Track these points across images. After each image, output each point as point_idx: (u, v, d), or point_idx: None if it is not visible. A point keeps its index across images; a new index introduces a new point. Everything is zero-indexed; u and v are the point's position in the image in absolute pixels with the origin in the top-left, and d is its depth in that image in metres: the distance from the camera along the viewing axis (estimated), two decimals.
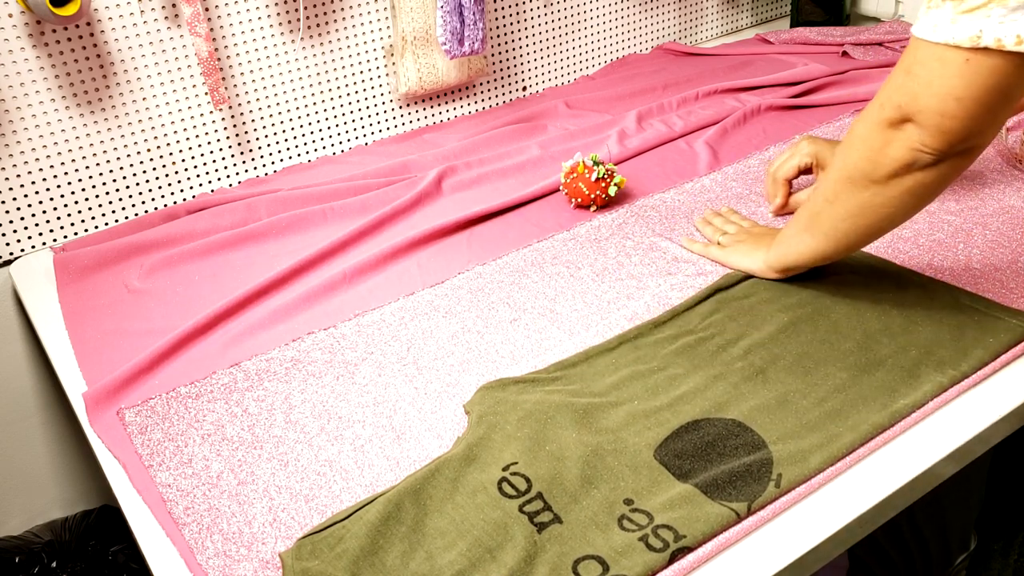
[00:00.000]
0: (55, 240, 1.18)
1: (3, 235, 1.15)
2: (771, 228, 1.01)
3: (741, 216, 1.07)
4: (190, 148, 1.24)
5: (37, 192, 1.15)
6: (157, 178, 1.23)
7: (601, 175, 1.11)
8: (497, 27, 1.45)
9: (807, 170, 1.07)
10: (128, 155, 1.20)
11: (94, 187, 1.19)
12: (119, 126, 1.18)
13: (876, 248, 0.99)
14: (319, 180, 1.25)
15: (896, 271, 0.94)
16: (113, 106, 1.17)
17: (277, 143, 1.31)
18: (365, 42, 1.33)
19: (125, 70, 1.16)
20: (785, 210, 1.08)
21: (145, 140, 1.21)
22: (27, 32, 1.08)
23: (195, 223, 1.14)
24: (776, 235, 0.95)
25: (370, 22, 1.33)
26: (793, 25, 1.76)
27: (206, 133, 1.25)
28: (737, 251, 0.98)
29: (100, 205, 1.20)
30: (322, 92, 1.32)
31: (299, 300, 0.98)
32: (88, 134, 1.16)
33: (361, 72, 1.35)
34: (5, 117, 1.10)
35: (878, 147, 0.74)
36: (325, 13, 1.28)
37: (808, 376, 0.80)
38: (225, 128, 1.26)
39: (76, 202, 1.18)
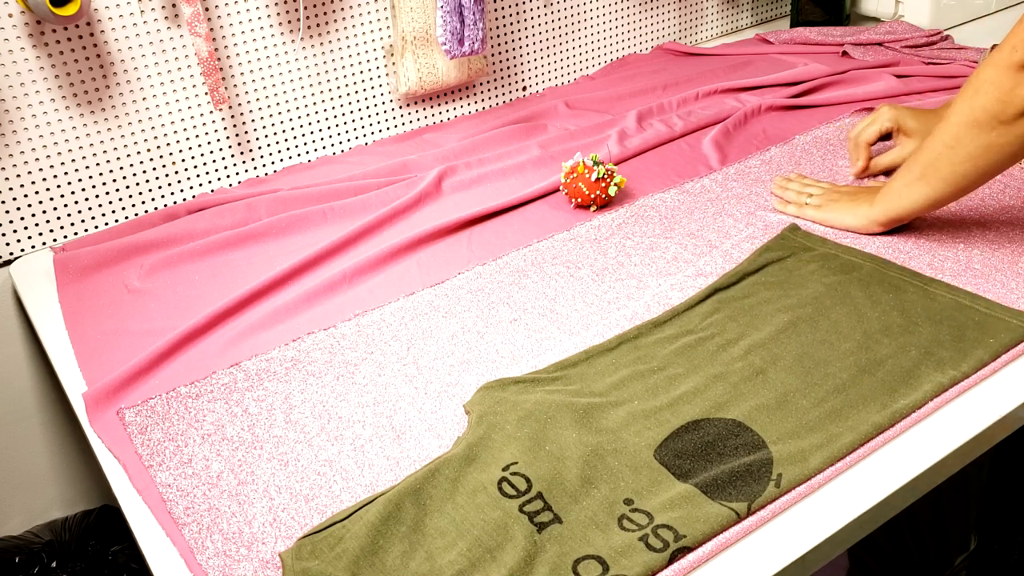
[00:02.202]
0: (55, 240, 1.18)
1: (3, 235, 1.15)
2: (861, 187, 1.07)
3: (813, 179, 1.12)
4: (190, 148, 1.24)
5: (37, 192, 1.15)
6: (157, 178, 1.23)
7: (601, 175, 1.11)
8: (497, 27, 1.45)
9: (887, 135, 1.14)
10: (128, 155, 1.20)
11: (94, 187, 1.19)
12: (119, 126, 1.18)
13: (876, 248, 0.99)
14: (319, 180, 1.25)
15: (896, 271, 0.94)
16: (113, 106, 1.17)
17: (277, 143, 1.31)
18: (365, 42, 1.33)
19: (125, 70, 1.16)
20: (866, 173, 1.14)
21: (145, 140, 1.21)
22: (27, 32, 1.08)
23: (195, 223, 1.14)
24: (871, 190, 1.02)
25: (370, 22, 1.33)
26: (793, 25, 1.76)
27: (206, 133, 1.25)
28: (836, 209, 1.03)
29: (100, 205, 1.20)
30: (322, 92, 1.32)
31: (299, 300, 0.98)
32: (88, 134, 1.16)
33: (361, 72, 1.35)
34: (5, 117, 1.10)
35: (1008, 88, 0.82)
36: (325, 13, 1.28)
37: (808, 376, 0.80)
38: (225, 128, 1.26)
39: (76, 202, 1.18)
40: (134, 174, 1.21)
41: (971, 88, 0.86)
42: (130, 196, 1.22)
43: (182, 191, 1.26)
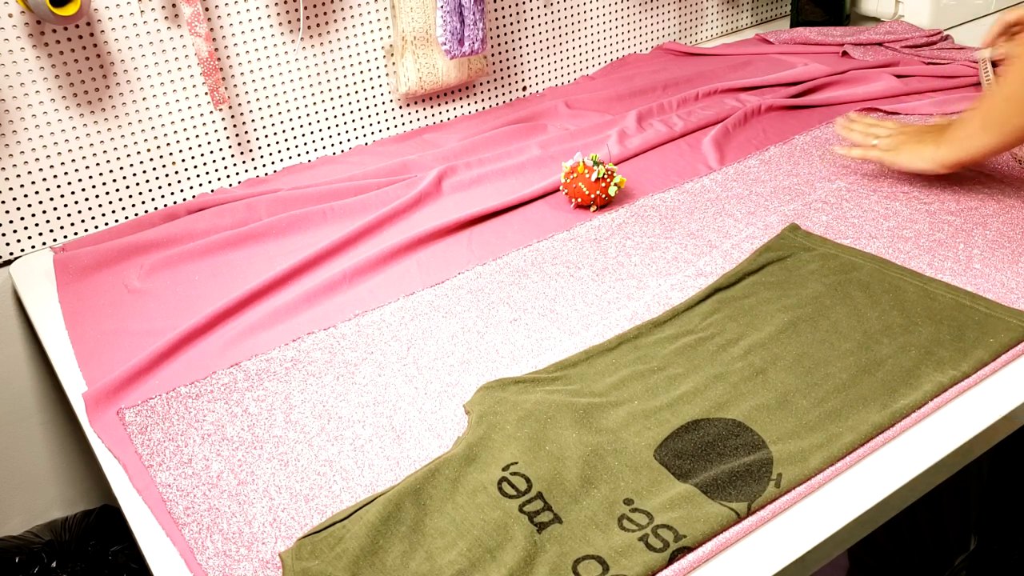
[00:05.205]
0: (55, 240, 1.18)
1: (3, 235, 1.15)
2: (925, 125, 1.10)
3: (876, 120, 1.15)
4: (190, 148, 1.24)
5: (37, 192, 1.15)
6: (157, 178, 1.23)
7: (601, 175, 1.11)
8: (497, 27, 1.45)
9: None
10: (128, 155, 1.20)
11: (94, 187, 1.19)
12: (119, 126, 1.18)
13: (876, 248, 0.99)
14: (319, 180, 1.25)
15: (896, 271, 0.94)
16: (113, 106, 1.17)
17: (277, 143, 1.31)
18: (365, 42, 1.33)
19: (125, 70, 1.16)
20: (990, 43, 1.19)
21: (145, 140, 1.21)
22: (27, 32, 1.08)
23: (195, 223, 1.14)
24: (936, 131, 1.06)
25: (370, 22, 1.33)
26: (793, 25, 1.76)
27: (206, 133, 1.25)
28: (903, 152, 1.08)
29: (100, 205, 1.20)
30: (322, 92, 1.32)
31: (299, 300, 0.98)
32: (88, 134, 1.16)
33: (361, 72, 1.35)
34: (5, 117, 1.10)
35: None
36: (325, 13, 1.28)
37: (808, 376, 0.80)
38: (225, 128, 1.26)
39: (76, 202, 1.18)
40: (134, 174, 1.21)
41: None
42: (130, 196, 1.22)
43: (182, 191, 1.26)
